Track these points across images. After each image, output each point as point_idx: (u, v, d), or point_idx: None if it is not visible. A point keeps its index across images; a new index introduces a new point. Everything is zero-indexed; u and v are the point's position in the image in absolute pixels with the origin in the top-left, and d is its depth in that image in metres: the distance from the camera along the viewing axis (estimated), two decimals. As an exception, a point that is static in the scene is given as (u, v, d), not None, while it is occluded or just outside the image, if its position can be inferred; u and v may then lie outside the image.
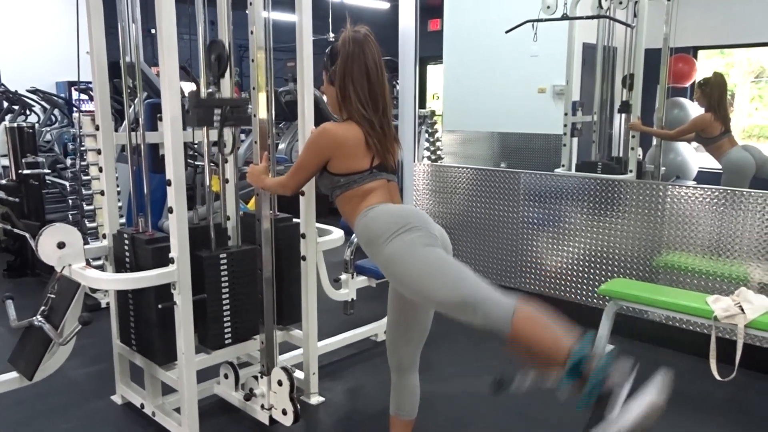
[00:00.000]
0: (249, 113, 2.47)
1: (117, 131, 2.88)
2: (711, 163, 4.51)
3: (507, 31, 4.29)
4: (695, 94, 4.27)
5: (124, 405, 2.79)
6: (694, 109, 4.79)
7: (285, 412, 2.44)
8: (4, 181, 4.64)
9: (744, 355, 2.70)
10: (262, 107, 2.46)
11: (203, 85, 2.35)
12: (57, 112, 7.23)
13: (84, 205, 4.11)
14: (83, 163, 4.00)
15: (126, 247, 2.50)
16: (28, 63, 8.67)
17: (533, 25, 4.33)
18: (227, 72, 2.41)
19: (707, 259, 3.25)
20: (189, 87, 4.09)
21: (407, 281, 1.82)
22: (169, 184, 2.23)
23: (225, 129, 2.42)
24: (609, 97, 4.82)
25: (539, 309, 1.67)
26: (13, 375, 2.38)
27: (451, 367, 3.22)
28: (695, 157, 5.29)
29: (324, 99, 2.24)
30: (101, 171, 2.64)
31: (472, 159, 6.09)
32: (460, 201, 4.35)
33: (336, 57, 1.98)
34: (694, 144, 5.27)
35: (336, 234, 2.95)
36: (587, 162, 4.71)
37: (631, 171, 4.30)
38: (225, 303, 2.50)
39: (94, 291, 3.91)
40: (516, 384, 1.71)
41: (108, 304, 2.75)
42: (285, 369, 2.44)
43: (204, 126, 2.38)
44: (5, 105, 6.52)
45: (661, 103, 4.40)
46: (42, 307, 2.29)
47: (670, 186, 3.41)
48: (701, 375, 2.88)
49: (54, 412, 2.76)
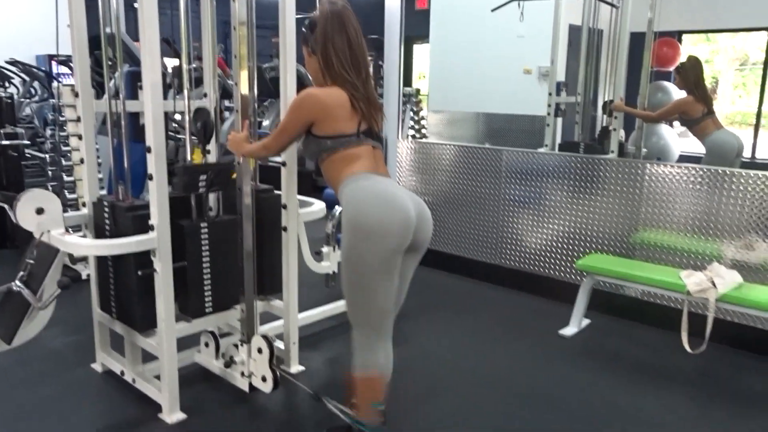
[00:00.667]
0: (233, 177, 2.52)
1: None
2: (693, 148, 4.57)
3: (493, 9, 4.30)
4: (674, 79, 4.32)
5: (104, 373, 2.80)
6: (677, 93, 4.83)
7: (264, 379, 2.47)
8: (-18, 153, 4.58)
9: (714, 330, 2.77)
10: (243, 79, 2.46)
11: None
12: (37, 85, 7.12)
13: (64, 177, 4.08)
14: (63, 134, 3.96)
15: (106, 215, 2.49)
16: (7, 36, 8.51)
17: (519, 5, 4.33)
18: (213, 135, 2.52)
19: (683, 236, 3.32)
20: (172, 62, 4.07)
21: (345, 285, 2.02)
22: (149, 151, 2.23)
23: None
24: (593, 79, 4.85)
25: (377, 393, 2.09)
26: (-8, 340, 2.38)
27: (428, 339, 3.27)
28: (677, 142, 5.36)
29: (308, 76, 2.25)
30: (81, 139, 2.62)
31: (456, 139, 6.11)
32: (443, 178, 4.38)
33: (315, 27, 2.00)
34: (678, 129, 5.34)
35: (317, 206, 2.97)
36: (570, 142, 4.75)
37: (613, 151, 4.35)
38: (206, 272, 2.51)
39: (74, 262, 3.90)
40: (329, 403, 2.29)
41: (89, 276, 2.74)
42: (265, 337, 2.46)
43: (190, 193, 2.43)
44: (-16, 77, 6.42)
45: (645, 86, 4.44)
46: (20, 273, 2.28)
47: (648, 164, 3.46)
48: (673, 348, 2.95)
49: (33, 380, 2.76)
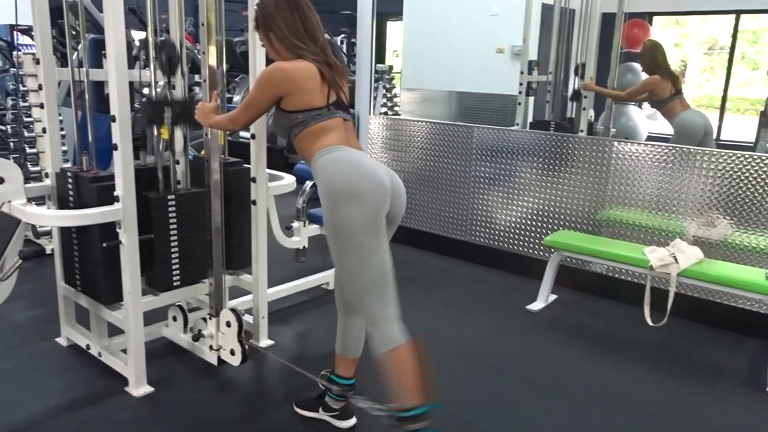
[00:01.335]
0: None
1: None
2: (661, 129, 4.64)
3: (466, -14, 4.26)
4: (640, 63, 4.38)
5: (69, 347, 2.76)
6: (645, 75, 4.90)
7: (233, 352, 2.46)
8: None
9: (675, 304, 2.86)
10: (211, 49, 2.41)
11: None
12: (-2, 55, 6.87)
13: (26, 149, 3.97)
14: (25, 105, 3.84)
15: (69, 186, 2.44)
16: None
17: (492, -18, 4.32)
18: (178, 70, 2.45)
19: (648, 214, 3.39)
20: (139, 35, 3.97)
21: (332, 250, 1.92)
22: (114, 120, 2.18)
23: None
24: (564, 59, 4.88)
25: (414, 361, 1.88)
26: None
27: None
28: (645, 123, 5.44)
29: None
30: (42, 108, 2.55)
31: (429, 117, 6.10)
32: (414, 154, 4.38)
33: (264, 7, 2.01)
34: (647, 110, 5.41)
35: (287, 180, 2.95)
36: (540, 121, 4.79)
37: (582, 131, 4.40)
38: (173, 245, 2.48)
39: (38, 236, 3.82)
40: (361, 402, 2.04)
41: (53, 250, 2.68)
42: (233, 310, 2.45)
43: (154, 125, 2.41)
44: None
45: (614, 67, 4.48)
46: (-20, 244, 2.23)
47: (616, 142, 3.52)
48: (635, 322, 3.04)
49: (-5, 354, 2.72)
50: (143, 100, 2.41)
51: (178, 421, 2.29)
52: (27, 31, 5.30)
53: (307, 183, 3.51)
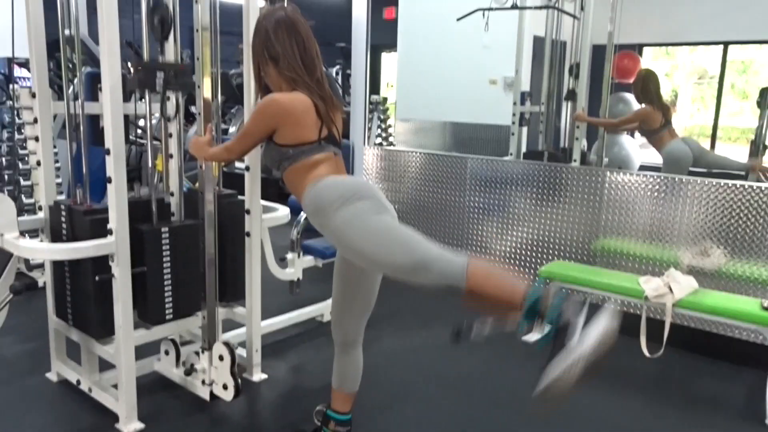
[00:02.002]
0: (193, 80, 2.44)
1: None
2: (653, 159, 4.68)
3: (459, 19, 4.35)
4: (633, 92, 4.44)
5: (59, 382, 2.72)
6: (637, 105, 4.96)
7: (226, 387, 2.43)
8: (-65, 156, 4.42)
9: (671, 334, 2.84)
10: (206, 82, 2.43)
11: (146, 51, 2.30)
12: (-5, 88, 6.91)
13: (21, 181, 3.97)
14: (20, 137, 3.85)
15: (63, 219, 2.43)
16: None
17: (484, 14, 4.40)
18: (171, 36, 2.37)
19: (642, 243, 3.39)
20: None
21: (360, 248, 1.83)
22: (108, 153, 2.18)
23: (170, 96, 2.39)
24: (556, 89, 4.94)
25: (490, 261, 1.79)
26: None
27: (395, 344, 3.27)
28: (638, 152, 5.48)
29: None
30: (38, 141, 2.55)
31: (423, 148, 6.13)
32: (408, 185, 4.40)
33: (263, 37, 1.99)
34: (639, 140, 5.46)
35: (282, 211, 2.95)
36: (533, 151, 4.83)
37: (575, 160, 4.43)
38: (166, 278, 2.46)
39: (30, 269, 3.79)
40: (475, 332, 1.85)
41: (45, 283, 2.66)
42: (226, 344, 2.43)
43: (145, 89, 2.33)
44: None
45: (606, 98, 4.54)
46: (-29, 278, 2.21)
47: (609, 172, 3.54)
48: (632, 352, 3.01)
49: (-16, 389, 2.67)
50: (134, 62, 2.33)
51: (168, 459, 2.24)
52: (24, 64, 5.34)
53: (302, 214, 3.50)
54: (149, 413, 2.44)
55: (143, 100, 2.47)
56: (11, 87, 4.16)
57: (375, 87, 8.38)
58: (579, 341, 1.62)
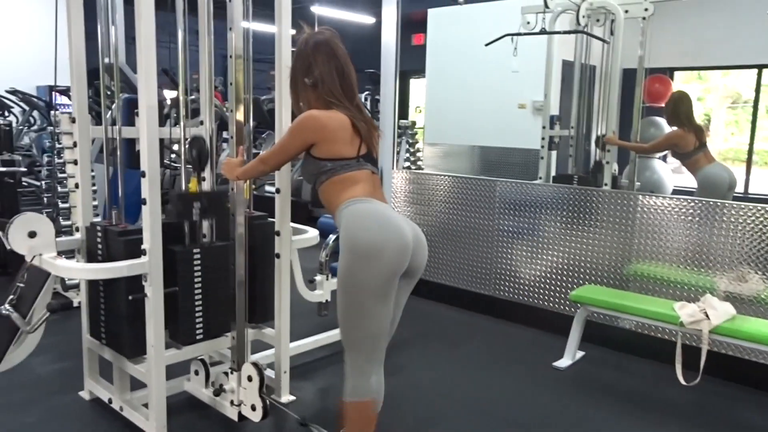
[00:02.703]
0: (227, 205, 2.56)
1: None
2: (686, 183, 4.60)
3: (487, 44, 4.37)
4: (665, 115, 4.39)
5: (91, 401, 2.76)
6: (669, 129, 4.90)
7: (254, 408, 2.44)
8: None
9: (708, 362, 2.76)
10: (239, 107, 2.50)
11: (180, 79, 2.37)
12: (36, 114, 7.18)
13: (59, 203, 4.09)
14: (59, 161, 3.98)
15: (98, 239, 2.49)
16: (8, 66, 8.60)
17: (512, 40, 4.41)
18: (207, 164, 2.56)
19: (676, 268, 3.32)
20: (171, 94, 4.12)
21: (340, 307, 1.98)
22: (143, 175, 2.24)
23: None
24: (586, 113, 4.92)
25: (370, 420, 2.06)
26: (-22, 365, 2.35)
27: (421, 370, 3.24)
28: (670, 177, 5.40)
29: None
30: (76, 164, 2.64)
31: (452, 172, 6.15)
32: (437, 208, 4.40)
33: (304, 61, 2.03)
34: (671, 164, 5.39)
35: (311, 233, 2.97)
36: (563, 175, 4.79)
37: (606, 184, 4.38)
38: (197, 298, 2.49)
39: (66, 290, 3.88)
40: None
41: (80, 303, 2.72)
42: (255, 365, 2.44)
43: (184, 219, 2.46)
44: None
45: (636, 121, 4.50)
46: (10, 296, 2.27)
47: (641, 196, 3.49)
48: (667, 380, 2.93)
49: (17, 406, 2.72)
50: (174, 195, 2.47)
51: (196, 479, 2.25)
52: (65, 92, 5.55)
53: (330, 237, 3.53)
54: (178, 433, 2.46)
55: (178, 125, 2.55)
56: (52, 113, 4.32)
57: (403, 112, 8.46)
58: None
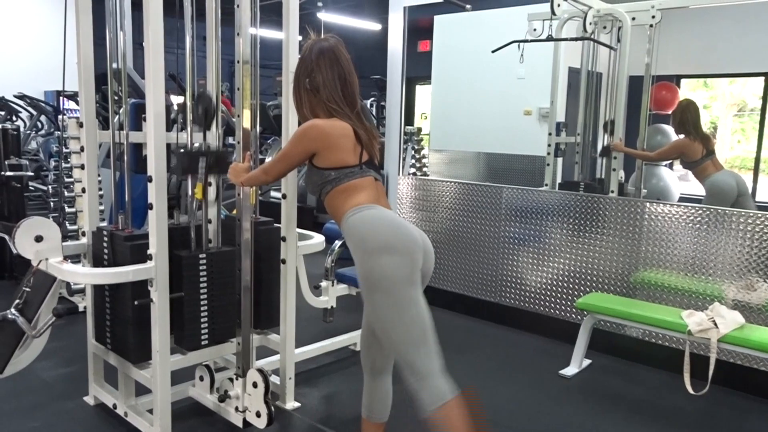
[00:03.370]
0: (231, 161, 2.54)
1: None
2: (693, 190, 4.57)
3: (494, 51, 4.37)
4: (672, 123, 4.37)
5: (96, 406, 2.75)
6: (676, 136, 4.88)
7: (259, 414, 2.42)
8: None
9: (717, 371, 2.73)
10: (245, 112, 2.50)
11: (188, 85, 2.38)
12: (44, 119, 7.22)
13: (66, 208, 4.10)
14: (66, 166, 3.99)
15: (105, 244, 2.49)
16: (16, 71, 8.65)
17: (519, 47, 4.41)
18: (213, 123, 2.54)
19: (684, 276, 3.30)
20: (178, 99, 4.13)
21: (380, 316, 1.87)
22: (150, 180, 2.24)
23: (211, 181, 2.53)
24: (593, 120, 4.91)
25: (467, 415, 1.81)
26: (-16, 368, 2.35)
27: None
28: (677, 184, 5.38)
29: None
30: (83, 169, 2.64)
31: (457, 178, 6.14)
32: (443, 215, 4.39)
33: (306, 66, 2.03)
34: (678, 171, 5.36)
35: (317, 239, 2.96)
36: (570, 182, 4.77)
37: (613, 191, 4.36)
38: (203, 304, 2.49)
39: (71, 294, 3.88)
40: None
41: (85, 308, 2.72)
42: (260, 371, 2.43)
43: (188, 174, 2.47)
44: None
45: (643, 129, 4.49)
46: (16, 301, 2.27)
47: (648, 203, 3.47)
48: (675, 389, 2.91)
49: (22, 411, 2.71)
50: (179, 150, 2.46)
51: (201, 486, 2.23)
52: (72, 97, 5.57)
53: (336, 242, 3.52)
54: (183, 439, 2.45)
55: (185, 130, 2.55)
56: (59, 118, 4.33)
57: (409, 118, 8.46)
58: None
